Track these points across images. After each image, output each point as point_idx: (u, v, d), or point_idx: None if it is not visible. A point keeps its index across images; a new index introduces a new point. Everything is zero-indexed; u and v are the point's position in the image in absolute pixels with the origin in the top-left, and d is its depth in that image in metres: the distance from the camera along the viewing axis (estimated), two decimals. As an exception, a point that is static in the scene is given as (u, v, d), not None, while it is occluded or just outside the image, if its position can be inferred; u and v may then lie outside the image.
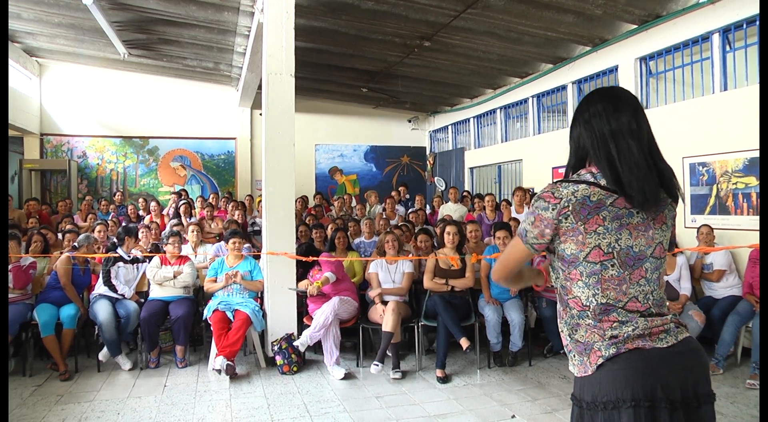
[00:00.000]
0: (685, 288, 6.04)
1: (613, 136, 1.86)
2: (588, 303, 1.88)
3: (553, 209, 1.86)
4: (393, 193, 11.32)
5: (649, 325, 1.84)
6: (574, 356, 1.92)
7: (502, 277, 2.10)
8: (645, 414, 1.75)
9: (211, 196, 10.48)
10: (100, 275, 6.15)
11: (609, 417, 1.79)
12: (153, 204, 9.84)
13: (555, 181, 1.93)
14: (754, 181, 6.22)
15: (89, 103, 13.12)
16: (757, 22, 6.35)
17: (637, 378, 1.78)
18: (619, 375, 1.80)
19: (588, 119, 1.93)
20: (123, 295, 6.10)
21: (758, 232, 5.79)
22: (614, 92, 1.96)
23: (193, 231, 7.21)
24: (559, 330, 2.02)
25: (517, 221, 7.43)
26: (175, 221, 8.80)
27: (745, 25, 6.54)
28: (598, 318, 1.87)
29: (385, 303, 5.97)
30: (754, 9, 6.32)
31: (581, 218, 1.84)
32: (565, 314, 1.96)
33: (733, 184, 6.46)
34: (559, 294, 2.00)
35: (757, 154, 6.14)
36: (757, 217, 6.09)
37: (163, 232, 7.35)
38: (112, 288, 6.07)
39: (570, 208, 1.84)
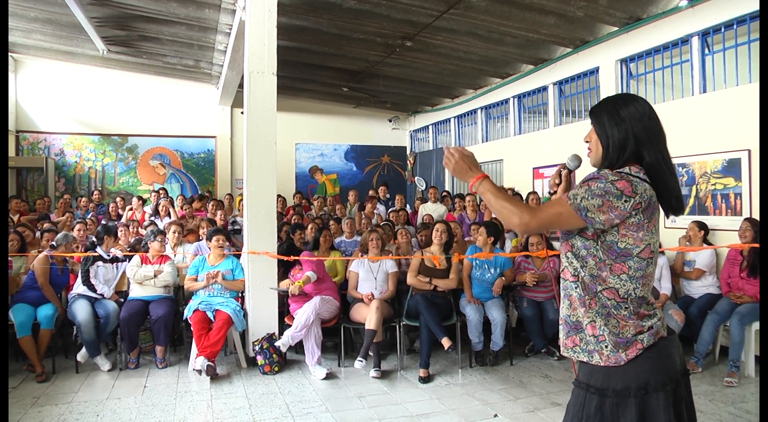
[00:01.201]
0: (665, 287, 6.11)
1: (662, 142, 2.01)
2: (626, 296, 1.97)
3: (626, 201, 1.89)
4: (371, 192, 11.30)
5: (659, 315, 2.03)
6: (607, 346, 1.98)
7: (536, 228, 2.01)
8: (674, 392, 1.94)
9: (194, 198, 10.37)
10: (79, 274, 6.06)
11: (645, 401, 1.91)
12: (134, 200, 9.74)
13: (622, 172, 1.95)
14: (732, 182, 6.30)
15: (67, 100, 12.93)
16: (746, 22, 6.44)
17: (669, 363, 1.97)
18: (656, 361, 1.95)
19: (639, 119, 2.00)
20: (102, 295, 6.02)
21: (736, 232, 5.88)
22: (640, 99, 2.06)
23: (174, 233, 7.12)
24: (585, 320, 2.03)
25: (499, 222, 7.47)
26: (148, 221, 8.71)
27: (723, 29, 6.64)
28: (637, 310, 1.98)
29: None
30: (732, 13, 6.42)
31: (647, 216, 1.94)
32: (595, 304, 2.01)
33: (712, 184, 6.54)
34: (584, 282, 2.02)
35: (734, 155, 6.23)
36: (736, 218, 6.16)
37: (146, 230, 7.25)
38: (92, 287, 5.98)
39: (642, 205, 1.91)
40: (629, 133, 1.98)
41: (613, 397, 1.94)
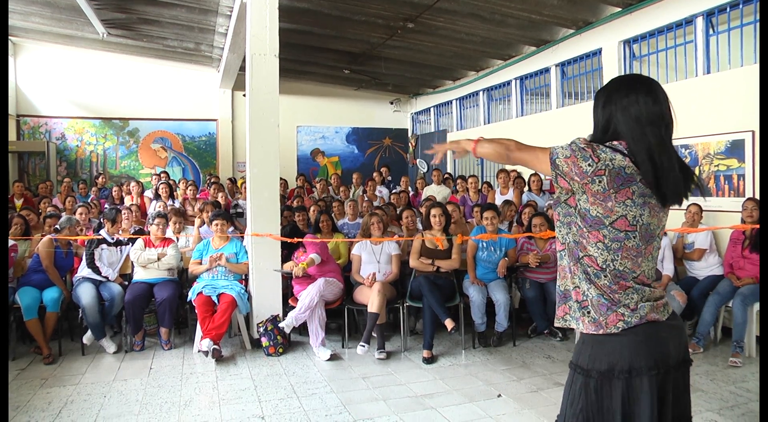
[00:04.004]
0: (667, 269, 6.13)
1: (653, 132, 1.91)
2: (604, 266, 1.96)
3: (590, 165, 1.89)
4: (375, 175, 11.34)
5: (654, 298, 1.99)
6: (589, 312, 1.99)
7: (514, 161, 2.10)
8: (661, 379, 1.92)
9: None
10: (83, 257, 6.09)
11: (630, 383, 1.91)
12: (133, 184, 9.73)
13: (590, 141, 1.97)
14: (735, 163, 6.30)
15: (67, 83, 12.91)
16: (753, 2, 6.39)
17: (660, 347, 1.94)
18: (643, 344, 1.92)
19: (626, 106, 1.95)
20: (107, 278, 6.04)
21: (739, 214, 5.89)
22: (653, 84, 2.00)
23: (175, 223, 7.08)
24: (570, 286, 2.05)
25: (507, 203, 7.54)
26: (155, 203, 8.73)
27: (728, 9, 6.58)
28: (617, 281, 1.96)
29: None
30: (737, -8, 6.36)
31: (614, 186, 1.89)
32: (577, 269, 2.02)
33: (715, 166, 6.53)
34: (569, 248, 2.04)
35: (738, 136, 6.22)
36: (739, 199, 6.16)
37: (149, 213, 7.24)
38: (96, 270, 6.00)
39: (605, 173, 1.88)
40: (613, 116, 1.98)
41: (596, 378, 1.95)
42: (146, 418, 4.30)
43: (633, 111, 1.93)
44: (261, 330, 5.88)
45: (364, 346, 5.64)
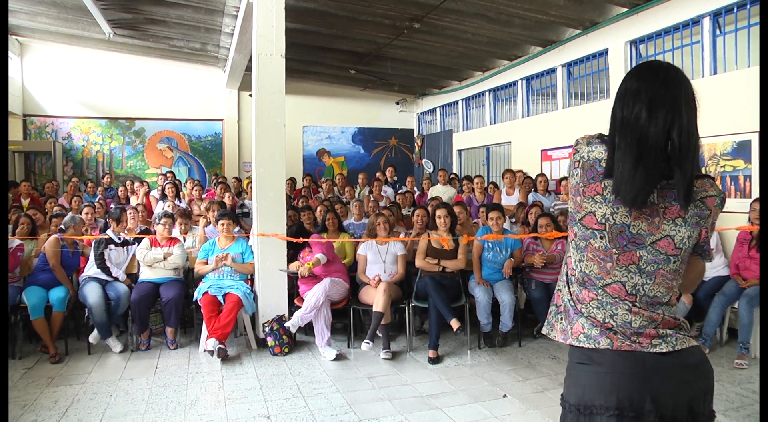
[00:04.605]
0: (673, 269, 6.10)
1: (621, 125, 1.71)
2: (575, 267, 1.81)
3: (573, 156, 1.81)
4: (378, 174, 11.33)
5: (636, 321, 1.72)
6: (562, 318, 1.86)
7: None
8: None
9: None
10: (93, 257, 6.09)
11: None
12: (137, 184, 9.76)
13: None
14: (742, 164, 6.27)
15: (74, 83, 12.97)
16: (748, 5, 6.37)
17: (624, 385, 1.67)
18: (605, 378, 1.69)
19: (617, 98, 1.77)
20: (117, 278, 6.06)
21: (746, 215, 5.87)
22: (645, 71, 1.75)
23: (181, 225, 7.07)
24: (557, 289, 1.94)
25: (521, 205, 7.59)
26: (161, 203, 8.74)
27: (735, 9, 6.56)
28: (581, 286, 1.79)
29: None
30: (744, -8, 6.34)
31: (584, 180, 1.75)
32: (563, 271, 1.90)
33: (721, 166, 6.51)
34: (566, 250, 1.92)
35: (744, 137, 6.19)
36: (745, 200, 6.14)
37: (154, 213, 7.24)
38: (107, 271, 6.02)
39: (579, 165, 1.76)
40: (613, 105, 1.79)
41: (569, 410, 1.77)
42: (152, 417, 4.32)
43: (616, 103, 1.76)
44: (267, 329, 5.89)
45: (368, 343, 5.63)
